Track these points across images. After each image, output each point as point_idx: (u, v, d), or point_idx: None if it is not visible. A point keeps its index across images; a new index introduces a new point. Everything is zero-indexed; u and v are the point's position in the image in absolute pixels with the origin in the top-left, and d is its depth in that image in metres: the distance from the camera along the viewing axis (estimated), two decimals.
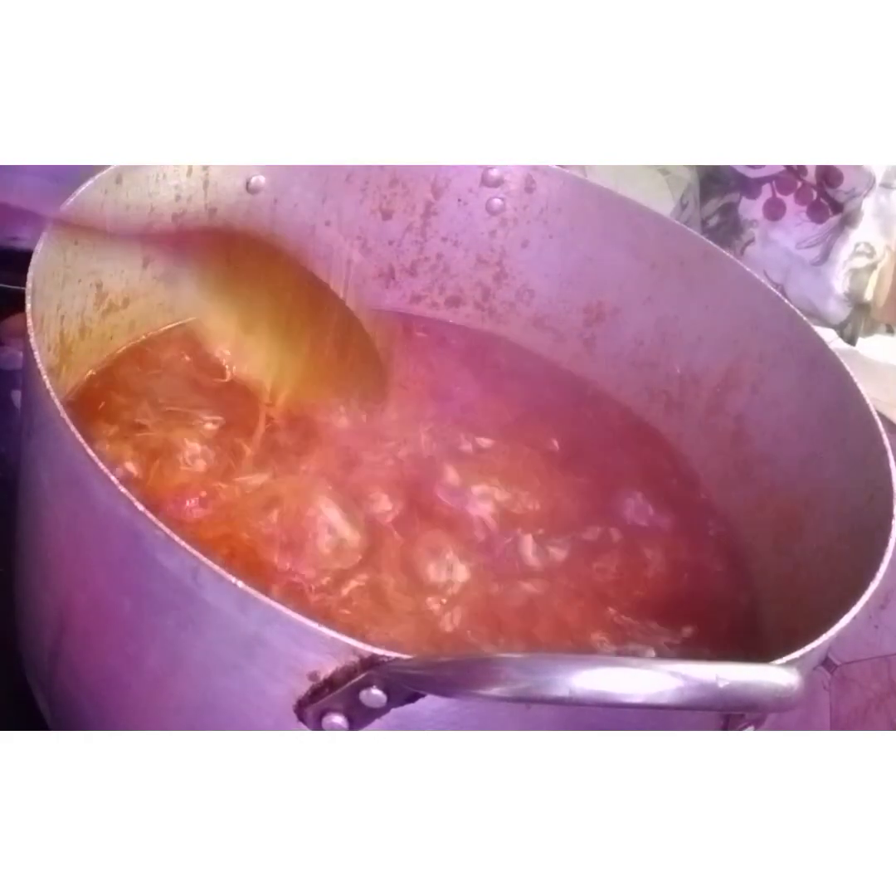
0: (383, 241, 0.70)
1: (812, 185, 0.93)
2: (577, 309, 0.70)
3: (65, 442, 0.43)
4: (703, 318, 0.66)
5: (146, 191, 0.59)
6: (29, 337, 0.46)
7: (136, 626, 0.44)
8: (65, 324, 0.56)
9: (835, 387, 0.59)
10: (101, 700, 0.49)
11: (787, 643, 0.43)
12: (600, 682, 0.36)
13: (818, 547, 0.57)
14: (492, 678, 0.37)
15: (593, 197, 0.68)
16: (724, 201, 0.98)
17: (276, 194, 0.65)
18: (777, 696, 0.38)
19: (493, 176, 0.68)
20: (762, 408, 0.64)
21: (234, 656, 0.41)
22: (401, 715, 0.39)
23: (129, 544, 0.42)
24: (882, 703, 0.71)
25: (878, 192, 0.91)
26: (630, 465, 0.65)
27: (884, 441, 0.54)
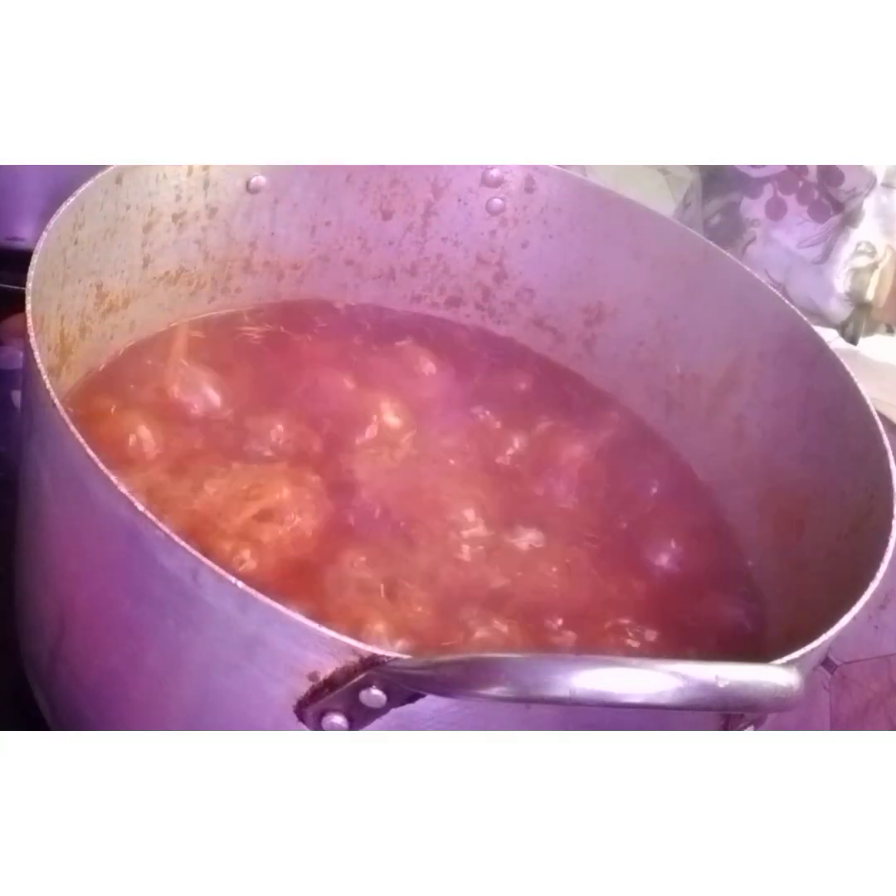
0: (383, 241, 0.70)
1: (813, 185, 0.93)
2: (577, 309, 0.70)
3: (65, 442, 0.43)
4: (703, 318, 0.66)
5: (146, 191, 0.59)
6: (29, 337, 0.46)
7: (136, 626, 0.44)
8: (65, 324, 0.56)
9: (835, 387, 0.59)
10: (101, 700, 0.49)
11: (787, 643, 0.43)
12: (600, 682, 0.36)
13: (818, 547, 0.57)
14: (492, 678, 0.37)
15: (593, 197, 0.68)
16: (726, 201, 0.98)
17: (276, 194, 0.65)
18: (777, 696, 0.38)
19: (493, 176, 0.68)
20: (762, 408, 0.64)
21: (234, 656, 0.41)
22: (401, 715, 0.39)
23: (129, 544, 0.42)
24: (882, 703, 0.71)
25: (879, 191, 0.91)
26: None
27: (884, 441, 0.54)
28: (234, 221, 0.65)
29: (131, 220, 0.58)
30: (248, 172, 0.63)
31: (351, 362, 0.66)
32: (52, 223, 0.52)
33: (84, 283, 0.57)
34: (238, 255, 0.66)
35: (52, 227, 0.51)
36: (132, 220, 0.58)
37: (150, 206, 0.59)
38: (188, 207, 0.62)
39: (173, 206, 0.61)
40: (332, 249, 0.69)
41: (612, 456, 0.65)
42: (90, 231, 0.55)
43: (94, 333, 0.59)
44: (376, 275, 0.71)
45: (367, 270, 0.71)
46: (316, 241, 0.68)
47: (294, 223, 0.67)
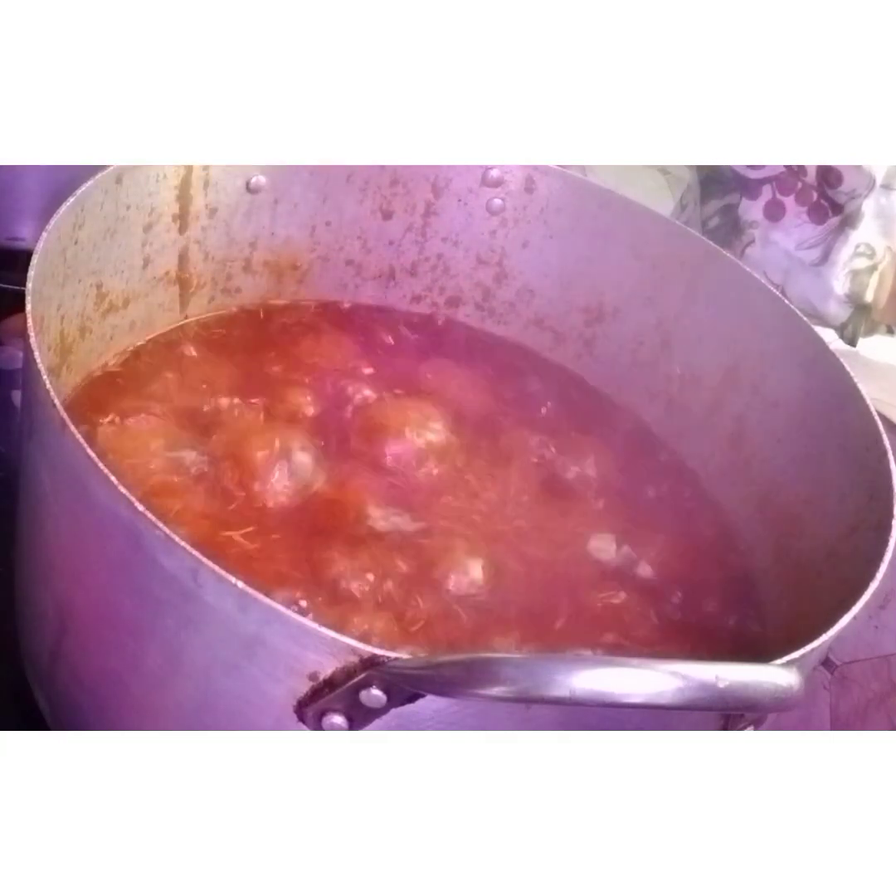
0: (383, 241, 0.70)
1: (812, 186, 0.93)
2: (577, 309, 0.70)
3: (65, 442, 0.43)
4: (703, 319, 0.66)
5: (146, 191, 0.59)
6: (29, 337, 0.46)
7: (136, 626, 0.44)
8: (65, 324, 0.56)
9: (835, 387, 0.59)
10: (101, 700, 0.49)
11: (787, 643, 0.43)
12: (600, 682, 0.36)
13: (818, 547, 0.57)
14: (492, 678, 0.37)
15: (593, 197, 0.68)
16: (725, 202, 0.98)
17: (276, 194, 0.65)
18: (777, 696, 0.38)
19: (493, 176, 0.68)
20: (762, 408, 0.64)
21: (234, 656, 0.41)
22: (401, 715, 0.39)
23: (129, 544, 0.42)
24: (882, 703, 0.71)
25: (878, 193, 0.91)
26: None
27: (884, 441, 0.54)
28: (234, 221, 0.65)
29: (131, 220, 0.58)
30: (248, 172, 0.64)
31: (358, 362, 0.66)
32: (52, 223, 0.52)
33: (84, 283, 0.57)
34: (238, 255, 0.66)
35: (52, 227, 0.51)
36: (132, 220, 0.58)
37: (150, 206, 0.59)
38: (188, 207, 0.62)
39: (173, 206, 0.61)
40: (332, 249, 0.69)
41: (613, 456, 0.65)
42: (90, 231, 0.55)
43: (94, 333, 0.59)
44: (376, 275, 0.71)
45: (367, 270, 0.71)
46: (316, 241, 0.68)
47: (294, 223, 0.67)
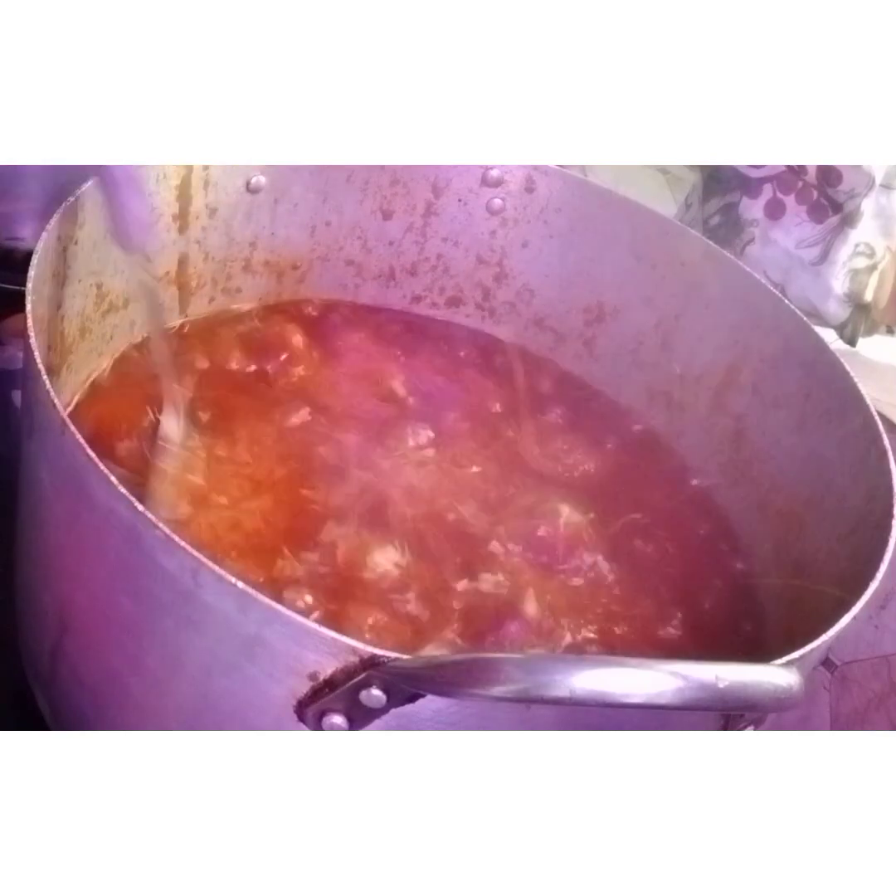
0: (383, 241, 0.70)
1: (812, 185, 0.93)
2: (577, 309, 0.70)
3: (65, 442, 0.43)
4: (704, 318, 0.66)
5: (146, 191, 0.59)
6: (29, 337, 0.46)
7: (136, 626, 0.44)
8: (65, 324, 0.56)
9: (835, 387, 0.59)
10: (101, 700, 0.49)
11: (787, 643, 0.43)
12: (600, 682, 0.36)
13: (818, 547, 0.57)
14: (492, 678, 0.37)
15: (593, 197, 0.68)
16: (725, 201, 0.98)
17: (276, 194, 0.65)
18: (777, 696, 0.38)
19: (493, 176, 0.68)
20: (762, 408, 0.64)
21: (234, 656, 0.41)
22: (401, 715, 0.39)
23: (129, 544, 0.42)
24: (882, 703, 0.71)
25: (877, 192, 0.91)
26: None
27: (884, 441, 0.54)
28: (234, 221, 0.65)
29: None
30: (248, 172, 0.64)
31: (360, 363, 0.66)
32: (52, 223, 0.52)
33: (84, 283, 0.57)
34: (238, 255, 0.66)
35: (52, 227, 0.51)
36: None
37: (149, 206, 0.59)
38: (188, 207, 0.62)
39: (173, 206, 0.61)
40: (332, 249, 0.69)
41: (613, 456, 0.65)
42: (90, 231, 0.55)
43: (94, 333, 0.59)
44: (376, 275, 0.71)
45: (367, 270, 0.71)
46: (316, 241, 0.69)
47: (294, 223, 0.67)
